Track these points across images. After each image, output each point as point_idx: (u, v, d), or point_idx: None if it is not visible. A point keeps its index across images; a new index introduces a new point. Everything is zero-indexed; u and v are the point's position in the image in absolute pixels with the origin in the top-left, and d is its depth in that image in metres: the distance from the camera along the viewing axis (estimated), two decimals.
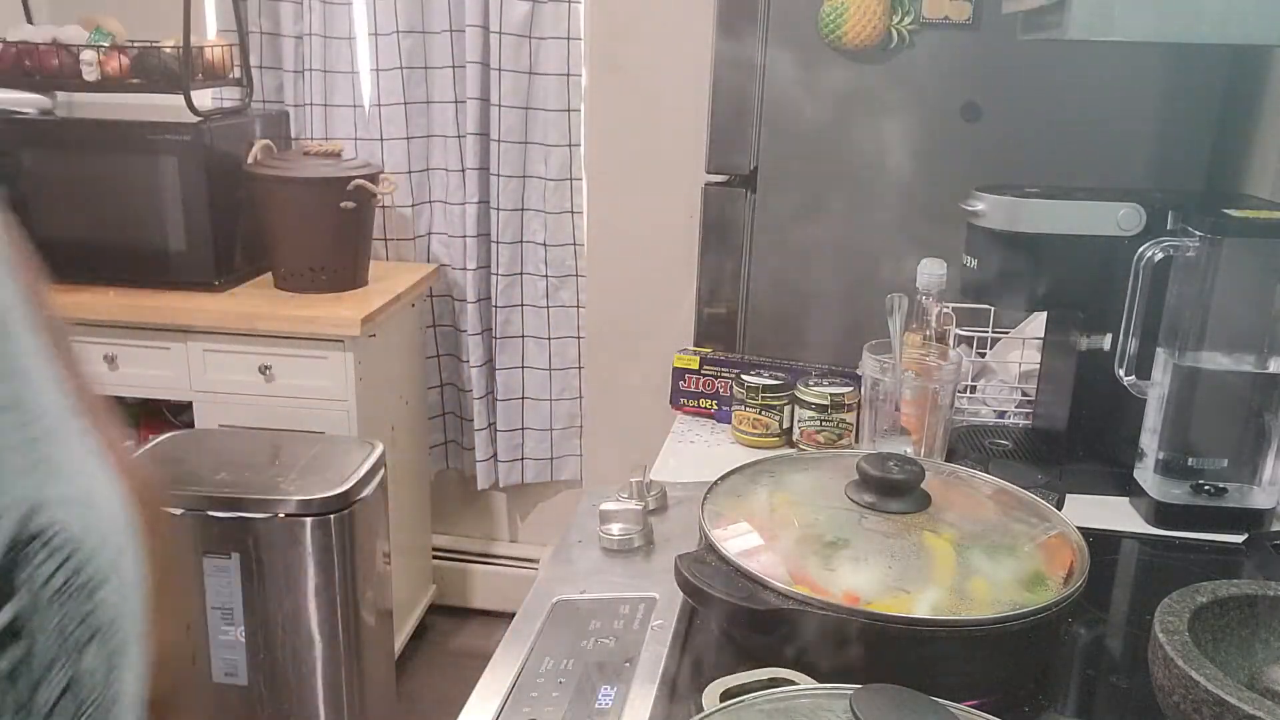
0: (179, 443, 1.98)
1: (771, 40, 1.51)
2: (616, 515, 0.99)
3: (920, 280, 1.19)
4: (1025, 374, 1.36)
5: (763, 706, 0.66)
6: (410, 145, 2.35)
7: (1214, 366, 1.06)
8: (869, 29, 1.42)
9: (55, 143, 2.11)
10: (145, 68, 2.10)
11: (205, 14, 2.37)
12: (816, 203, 1.55)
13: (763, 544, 0.84)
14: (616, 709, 0.74)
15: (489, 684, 0.79)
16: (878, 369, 1.16)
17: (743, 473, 0.97)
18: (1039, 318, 1.33)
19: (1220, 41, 1.03)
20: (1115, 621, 0.94)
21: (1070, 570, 0.83)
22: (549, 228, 2.36)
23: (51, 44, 2.08)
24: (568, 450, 2.54)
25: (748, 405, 1.29)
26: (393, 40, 2.27)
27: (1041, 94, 1.46)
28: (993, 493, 0.96)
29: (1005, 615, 0.76)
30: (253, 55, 2.33)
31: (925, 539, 0.84)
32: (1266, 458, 1.08)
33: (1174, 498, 1.10)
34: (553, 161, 2.32)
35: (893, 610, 0.76)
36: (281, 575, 1.79)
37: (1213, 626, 0.75)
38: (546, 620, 0.87)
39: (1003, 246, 1.15)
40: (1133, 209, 1.11)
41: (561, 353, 2.45)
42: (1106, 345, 1.15)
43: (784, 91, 1.53)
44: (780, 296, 1.58)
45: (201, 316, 2.04)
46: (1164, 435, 1.09)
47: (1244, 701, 0.64)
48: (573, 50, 2.25)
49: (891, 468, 0.87)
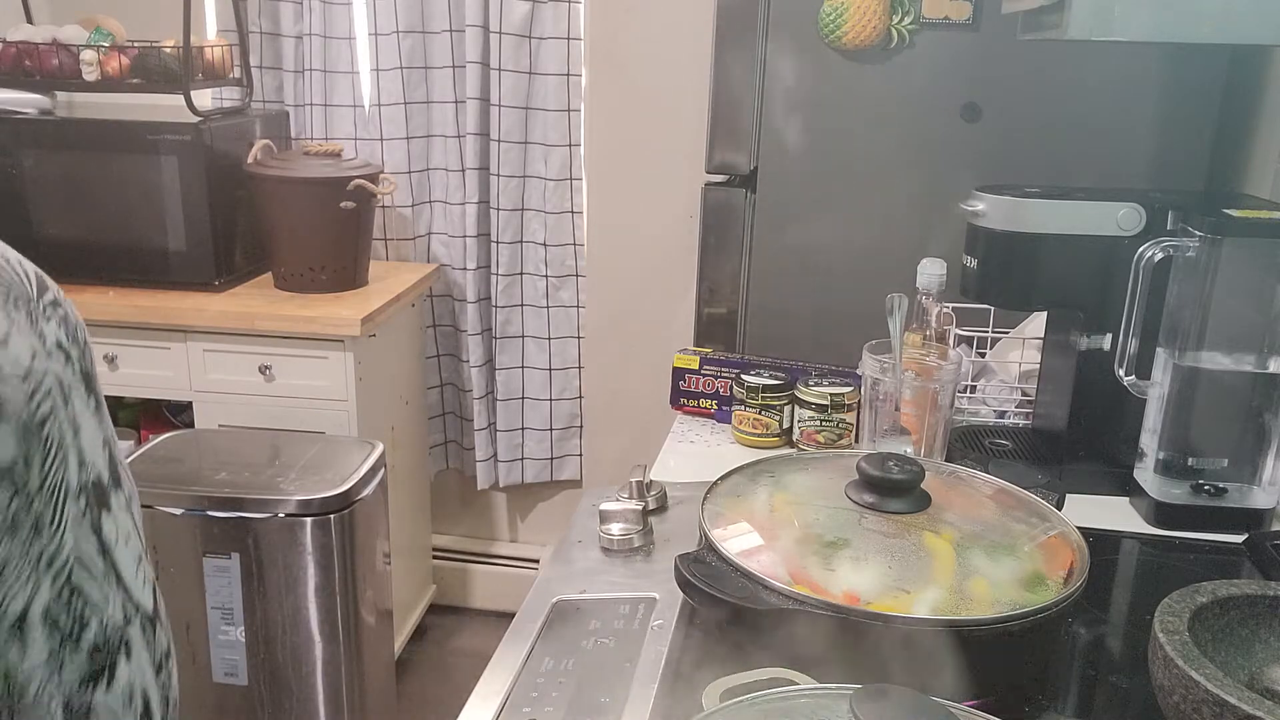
0: (179, 443, 1.98)
1: (771, 40, 1.51)
2: (616, 515, 1.00)
3: (920, 280, 1.19)
4: (1025, 374, 1.36)
5: (763, 706, 0.66)
6: (410, 145, 2.35)
7: (1214, 366, 1.06)
8: (869, 29, 1.42)
9: (55, 143, 2.11)
10: (145, 68, 2.10)
11: (205, 14, 2.37)
12: (816, 203, 1.55)
13: (763, 544, 0.84)
14: (616, 709, 0.74)
15: (489, 684, 0.79)
16: (878, 369, 1.16)
17: (743, 473, 0.97)
18: (1039, 318, 1.33)
19: (1220, 41, 1.03)
20: (1115, 621, 0.94)
21: (1070, 570, 0.83)
22: (549, 228, 2.36)
23: (51, 44, 2.08)
24: (568, 450, 2.54)
25: (748, 405, 1.29)
26: (393, 40, 2.27)
27: (1041, 94, 1.46)
28: (993, 493, 0.96)
29: (1005, 615, 0.76)
30: (253, 55, 2.33)
31: (925, 539, 0.84)
32: (1266, 458, 1.08)
33: (1174, 498, 1.10)
34: (553, 161, 2.32)
35: (893, 610, 0.76)
36: (281, 575, 1.79)
37: (1213, 626, 0.75)
38: (546, 620, 0.87)
39: (1003, 246, 1.15)
40: (1133, 209, 1.11)
41: (561, 353, 2.45)
42: (1106, 345, 1.15)
43: (784, 91, 1.53)
44: (780, 296, 1.58)
45: (201, 316, 2.04)
46: (1164, 435, 1.09)
47: (1244, 701, 0.64)
48: (573, 50, 2.25)
49: (891, 468, 0.87)
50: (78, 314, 0.49)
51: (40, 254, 2.56)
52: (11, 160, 2.09)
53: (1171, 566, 1.05)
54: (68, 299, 0.48)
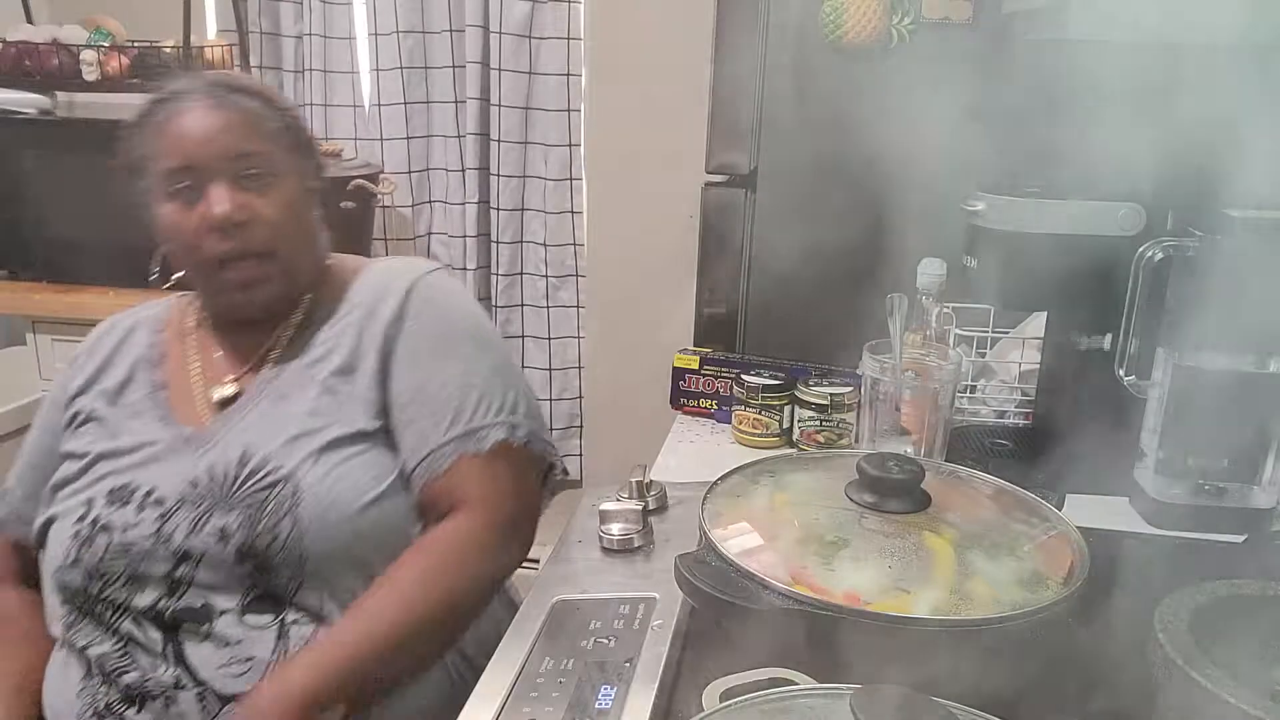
0: None
1: (771, 40, 1.51)
2: (616, 515, 1.00)
3: (920, 280, 1.19)
4: (1025, 374, 1.36)
5: (763, 706, 0.66)
6: (410, 145, 2.35)
7: (1214, 366, 1.06)
8: (869, 29, 1.42)
9: (55, 142, 2.11)
10: (145, 68, 2.10)
11: (205, 14, 2.37)
12: (816, 203, 1.55)
13: (763, 544, 0.84)
14: (616, 709, 0.74)
15: (489, 684, 0.79)
16: (878, 369, 1.16)
17: (743, 473, 0.97)
18: (1039, 318, 1.33)
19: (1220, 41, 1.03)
20: (1115, 621, 0.94)
21: (1070, 570, 0.83)
22: (549, 228, 2.36)
23: (51, 44, 2.08)
24: (568, 450, 2.53)
25: (748, 405, 1.29)
26: (393, 40, 2.27)
27: (1041, 94, 1.46)
28: (993, 493, 0.96)
29: (1005, 615, 0.76)
30: (253, 55, 2.32)
31: (925, 539, 0.84)
32: (1266, 458, 1.08)
33: (1174, 497, 1.10)
34: (553, 161, 2.31)
35: (893, 610, 0.76)
36: None
37: (1213, 626, 0.75)
38: (546, 620, 0.87)
39: (1003, 246, 1.15)
40: (1133, 209, 1.11)
41: (561, 353, 2.45)
42: (1106, 345, 1.15)
43: (784, 91, 1.53)
44: (780, 296, 1.58)
45: None
46: (1164, 435, 1.09)
47: (1244, 701, 0.64)
48: (573, 50, 2.25)
49: (891, 468, 0.87)
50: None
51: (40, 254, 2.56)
52: (11, 161, 2.09)
53: (1171, 567, 1.05)
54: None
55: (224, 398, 1.09)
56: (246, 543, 0.97)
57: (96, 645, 1.01)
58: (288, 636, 0.98)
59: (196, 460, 1.04)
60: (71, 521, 1.03)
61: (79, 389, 1.14)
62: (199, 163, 1.04)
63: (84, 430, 1.11)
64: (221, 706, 0.96)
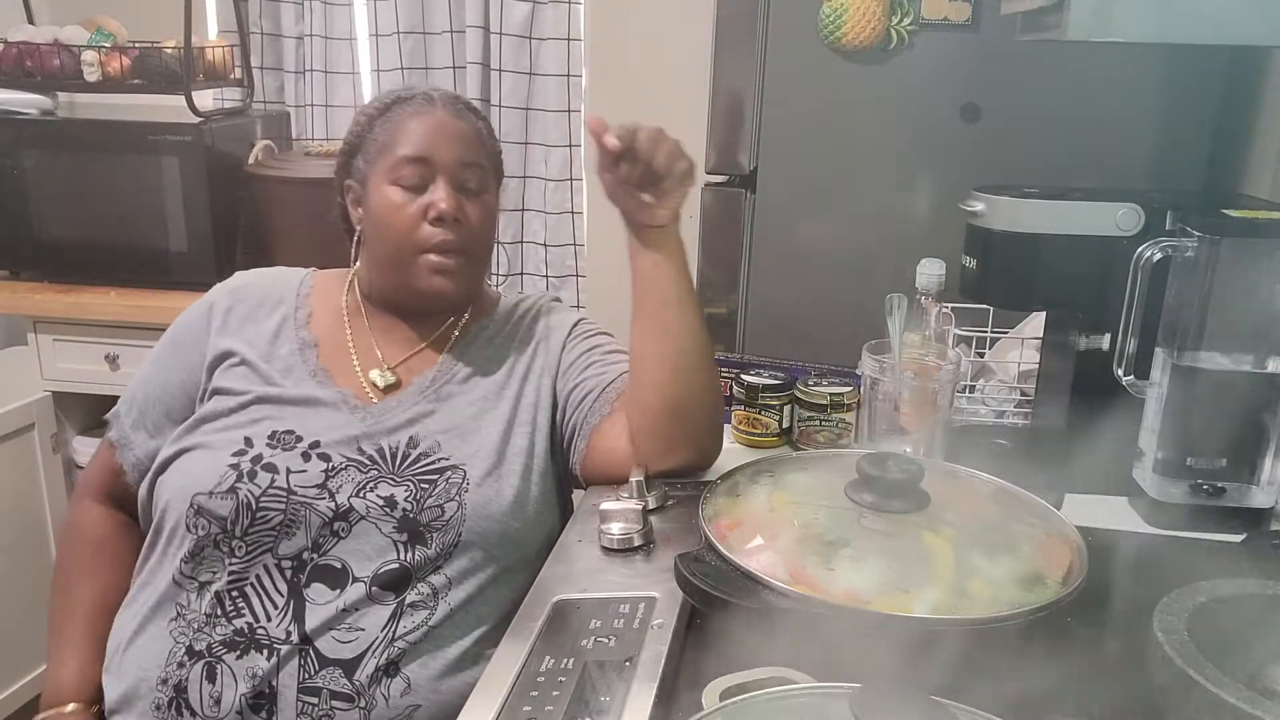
0: None
1: (771, 40, 1.51)
2: (616, 515, 1.00)
3: (920, 280, 1.18)
4: (1025, 374, 1.36)
5: (762, 706, 0.66)
6: None
7: (1213, 366, 1.06)
8: (869, 30, 1.43)
9: (56, 143, 2.11)
10: (146, 68, 2.10)
11: (206, 15, 2.37)
12: (816, 203, 1.55)
13: (762, 543, 0.84)
14: (616, 709, 0.74)
15: (489, 684, 0.79)
16: (877, 369, 1.16)
17: (743, 472, 0.97)
18: (1038, 318, 1.33)
19: (1219, 42, 1.03)
20: (1115, 621, 0.94)
21: (1069, 570, 0.83)
22: (549, 228, 2.36)
23: (53, 44, 2.08)
24: None
25: (747, 405, 1.29)
26: (393, 41, 2.28)
27: (1041, 94, 1.46)
28: (992, 493, 0.96)
29: (1004, 615, 0.76)
30: (254, 56, 2.33)
31: (925, 538, 0.84)
32: (1265, 457, 1.08)
33: (1173, 497, 1.10)
34: (553, 161, 2.32)
35: (892, 610, 0.76)
36: None
37: (1213, 626, 0.75)
38: (546, 620, 0.87)
39: (1002, 246, 1.15)
40: (1132, 209, 1.11)
41: None
42: (1106, 345, 1.15)
43: (784, 91, 1.53)
44: (780, 296, 1.58)
45: None
46: (1163, 435, 1.09)
47: (1244, 701, 0.64)
48: (573, 51, 2.25)
49: (891, 467, 0.87)
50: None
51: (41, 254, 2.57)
52: (12, 161, 2.09)
53: (1171, 566, 1.05)
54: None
55: (389, 384, 1.15)
56: (412, 513, 1.03)
57: (216, 581, 1.02)
58: (399, 617, 1.01)
59: (363, 431, 1.09)
60: (229, 454, 1.06)
61: (228, 330, 1.17)
62: (436, 159, 1.14)
63: (236, 370, 1.14)
64: (319, 669, 0.98)
